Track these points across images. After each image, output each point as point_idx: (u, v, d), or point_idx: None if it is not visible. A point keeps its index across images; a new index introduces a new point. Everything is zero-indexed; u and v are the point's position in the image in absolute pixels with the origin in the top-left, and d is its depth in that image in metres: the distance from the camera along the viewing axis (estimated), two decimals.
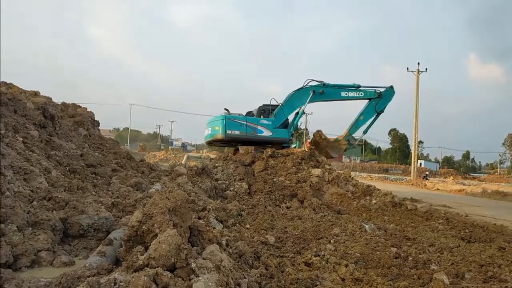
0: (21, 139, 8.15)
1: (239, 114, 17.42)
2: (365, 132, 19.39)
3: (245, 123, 16.54)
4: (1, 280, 3.30)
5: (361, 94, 18.30)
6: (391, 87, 18.80)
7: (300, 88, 17.54)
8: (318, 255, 5.81)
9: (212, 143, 18.56)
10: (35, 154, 7.94)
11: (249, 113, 17.94)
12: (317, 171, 13.57)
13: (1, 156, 6.30)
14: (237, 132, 16.35)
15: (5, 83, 11.92)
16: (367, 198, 12.54)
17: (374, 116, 18.51)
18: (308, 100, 17.21)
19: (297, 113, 17.57)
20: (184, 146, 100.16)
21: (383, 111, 18.47)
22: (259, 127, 16.65)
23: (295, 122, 17.97)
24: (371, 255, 6.16)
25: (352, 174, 17.04)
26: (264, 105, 17.84)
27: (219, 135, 16.46)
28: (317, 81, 17.71)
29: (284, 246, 6.56)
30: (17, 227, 4.64)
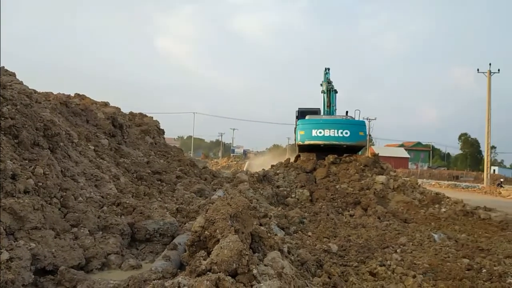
0: (93, 148, 8.63)
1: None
2: None
3: None
4: (74, 281, 3.49)
5: None
6: None
7: None
8: (384, 265, 5.60)
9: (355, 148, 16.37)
10: (105, 162, 8.38)
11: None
12: (381, 178, 13.13)
13: (74, 163, 6.69)
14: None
15: (78, 94, 12.73)
16: (436, 206, 11.92)
17: None
18: None
19: None
20: (245, 153, 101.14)
21: None
22: None
23: None
24: (441, 266, 5.82)
25: (419, 181, 16.27)
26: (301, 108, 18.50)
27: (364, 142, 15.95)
28: None
29: (348, 255, 6.37)
30: (88, 231, 4.90)
